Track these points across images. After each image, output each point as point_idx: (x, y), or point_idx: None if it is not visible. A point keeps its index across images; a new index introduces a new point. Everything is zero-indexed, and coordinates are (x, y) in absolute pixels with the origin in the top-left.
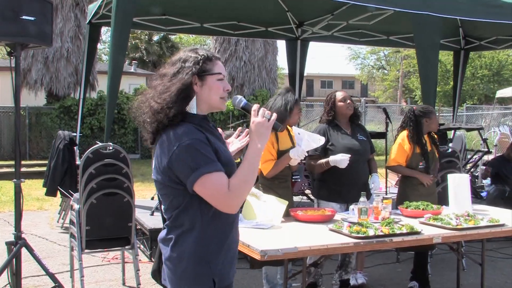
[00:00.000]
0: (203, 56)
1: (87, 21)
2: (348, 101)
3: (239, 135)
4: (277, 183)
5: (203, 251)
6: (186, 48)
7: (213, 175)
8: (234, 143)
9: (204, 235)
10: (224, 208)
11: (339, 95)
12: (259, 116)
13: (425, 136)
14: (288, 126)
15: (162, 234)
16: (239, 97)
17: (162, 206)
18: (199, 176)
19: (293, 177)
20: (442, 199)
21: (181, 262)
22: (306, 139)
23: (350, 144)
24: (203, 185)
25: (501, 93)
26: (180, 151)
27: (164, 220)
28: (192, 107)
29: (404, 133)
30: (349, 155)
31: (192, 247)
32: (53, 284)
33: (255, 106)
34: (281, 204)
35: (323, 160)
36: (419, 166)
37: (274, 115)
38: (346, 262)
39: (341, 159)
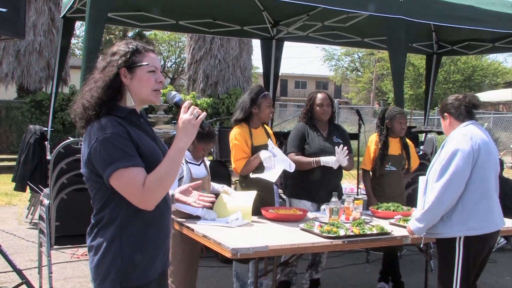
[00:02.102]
0: (131, 48)
1: (61, 15)
2: (325, 107)
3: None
4: (255, 181)
5: (117, 245)
6: (121, 41)
7: (128, 170)
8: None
9: (121, 230)
10: (140, 204)
11: (319, 98)
12: (188, 113)
13: (397, 140)
14: (266, 126)
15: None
16: (174, 92)
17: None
18: (114, 170)
19: None
20: (413, 200)
21: (96, 255)
22: (276, 155)
23: (324, 146)
24: (117, 180)
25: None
26: (98, 145)
27: None
28: (128, 99)
29: (374, 135)
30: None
31: (107, 241)
32: (21, 281)
33: (186, 103)
34: (248, 199)
35: (314, 159)
36: (385, 168)
37: (203, 114)
38: (317, 262)
39: (333, 162)
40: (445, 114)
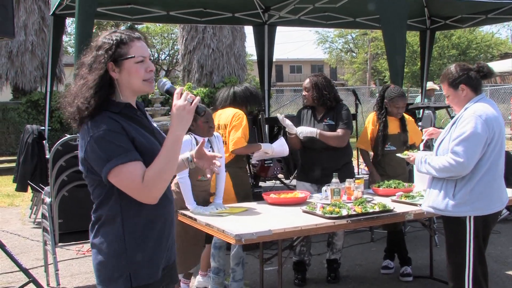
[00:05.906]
0: (116, 41)
1: (51, 12)
2: (304, 92)
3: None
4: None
5: (121, 244)
6: (105, 32)
7: (126, 166)
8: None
9: (123, 227)
10: (142, 199)
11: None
12: (182, 99)
13: (396, 118)
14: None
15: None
16: (164, 80)
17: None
18: (112, 167)
19: (266, 162)
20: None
21: (99, 253)
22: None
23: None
24: (116, 177)
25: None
26: (93, 143)
27: None
28: (117, 95)
29: (371, 115)
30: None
31: (110, 239)
32: (27, 280)
33: (178, 89)
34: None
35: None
36: (385, 148)
37: (197, 98)
38: (331, 243)
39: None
40: (462, 85)
